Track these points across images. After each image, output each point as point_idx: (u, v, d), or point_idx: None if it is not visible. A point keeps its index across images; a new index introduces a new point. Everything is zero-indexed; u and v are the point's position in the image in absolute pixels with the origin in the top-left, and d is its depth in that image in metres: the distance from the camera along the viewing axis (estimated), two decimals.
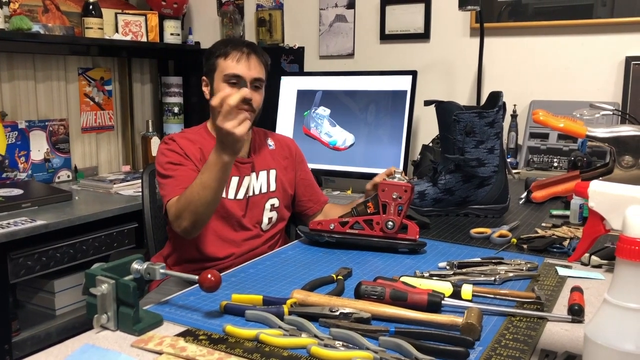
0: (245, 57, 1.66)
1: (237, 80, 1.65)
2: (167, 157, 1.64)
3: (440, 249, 1.34)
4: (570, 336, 0.88)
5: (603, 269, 1.20)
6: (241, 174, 1.70)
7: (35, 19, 2.63)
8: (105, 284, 0.88)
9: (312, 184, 1.88)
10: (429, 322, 0.90)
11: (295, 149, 1.87)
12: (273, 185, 1.75)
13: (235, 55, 1.65)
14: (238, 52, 1.66)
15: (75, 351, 0.82)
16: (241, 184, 1.69)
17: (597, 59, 2.42)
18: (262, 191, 1.73)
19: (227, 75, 1.65)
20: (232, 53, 1.66)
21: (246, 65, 1.65)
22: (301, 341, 0.83)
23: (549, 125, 0.72)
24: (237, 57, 1.65)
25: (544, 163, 2.39)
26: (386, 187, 1.31)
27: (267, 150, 1.80)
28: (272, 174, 1.76)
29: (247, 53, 1.66)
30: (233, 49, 1.66)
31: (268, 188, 1.74)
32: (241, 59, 1.65)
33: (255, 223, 1.71)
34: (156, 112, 3.41)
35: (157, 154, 1.69)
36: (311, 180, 1.89)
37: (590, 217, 0.69)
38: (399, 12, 2.79)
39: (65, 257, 2.19)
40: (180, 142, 1.66)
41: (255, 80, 1.67)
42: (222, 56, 1.66)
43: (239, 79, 1.65)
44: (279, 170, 1.78)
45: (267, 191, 1.74)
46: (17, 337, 2.13)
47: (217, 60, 1.67)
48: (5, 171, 2.58)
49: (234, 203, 1.67)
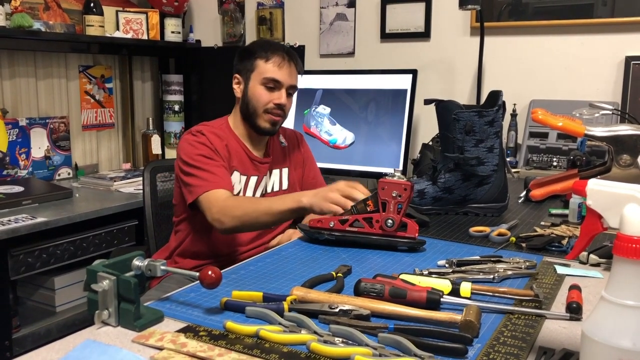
0: (287, 64, 1.69)
1: (274, 85, 1.68)
2: (197, 149, 1.63)
3: (440, 247, 1.34)
4: (568, 334, 0.89)
5: (601, 268, 1.21)
6: (260, 173, 1.73)
7: (36, 16, 2.63)
8: (107, 280, 0.89)
9: (317, 181, 1.90)
10: (428, 319, 0.90)
11: (302, 143, 1.90)
12: (285, 183, 1.78)
13: (277, 61, 1.68)
14: (280, 58, 1.68)
15: (76, 347, 0.83)
16: (259, 183, 1.72)
17: (597, 58, 2.43)
18: (274, 189, 1.76)
19: (266, 79, 1.67)
20: (274, 57, 1.68)
21: (288, 72, 1.68)
22: (301, 337, 0.83)
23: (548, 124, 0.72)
24: (279, 63, 1.68)
25: (544, 162, 2.39)
26: (386, 185, 1.32)
27: (279, 148, 1.82)
28: (284, 172, 1.79)
29: (288, 60, 1.69)
30: (274, 53, 1.68)
31: (280, 186, 1.77)
32: (283, 65, 1.68)
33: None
34: (157, 110, 3.42)
35: (184, 144, 1.66)
36: (317, 177, 1.90)
37: (588, 215, 0.69)
38: (400, 10, 2.80)
39: (65, 254, 2.20)
40: (209, 137, 1.66)
41: (291, 88, 1.71)
42: (263, 58, 1.68)
43: (276, 84, 1.68)
44: (291, 168, 1.82)
45: (280, 189, 1.77)
46: (18, 333, 2.14)
47: (256, 61, 1.69)
48: (6, 168, 2.59)
49: None
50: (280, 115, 1.70)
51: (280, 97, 1.68)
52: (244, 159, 1.72)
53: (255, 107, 1.69)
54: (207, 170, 1.59)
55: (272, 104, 1.68)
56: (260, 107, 1.68)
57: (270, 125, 1.70)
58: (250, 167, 1.73)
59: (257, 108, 1.69)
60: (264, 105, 1.68)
